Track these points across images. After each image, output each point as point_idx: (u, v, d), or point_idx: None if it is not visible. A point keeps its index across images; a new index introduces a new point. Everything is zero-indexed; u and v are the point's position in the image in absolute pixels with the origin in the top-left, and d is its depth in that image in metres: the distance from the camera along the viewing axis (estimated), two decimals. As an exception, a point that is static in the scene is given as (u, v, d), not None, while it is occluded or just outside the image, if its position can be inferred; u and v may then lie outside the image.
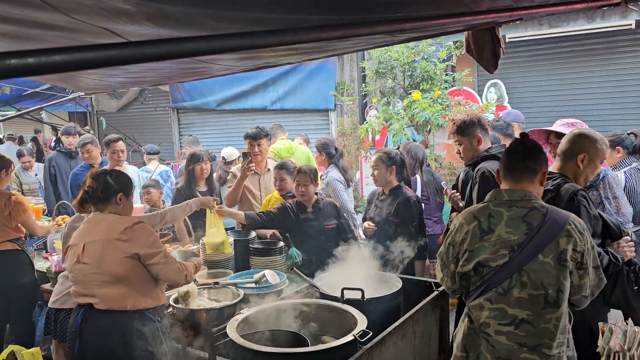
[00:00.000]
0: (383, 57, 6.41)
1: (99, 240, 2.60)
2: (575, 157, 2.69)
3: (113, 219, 2.68)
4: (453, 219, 3.68)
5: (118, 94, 10.62)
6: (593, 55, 6.66)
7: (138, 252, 2.57)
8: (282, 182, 4.24)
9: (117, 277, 2.56)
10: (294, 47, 3.01)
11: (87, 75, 3.97)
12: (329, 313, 2.71)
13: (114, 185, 2.73)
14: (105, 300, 2.57)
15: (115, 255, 2.56)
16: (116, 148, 5.13)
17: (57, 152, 6.21)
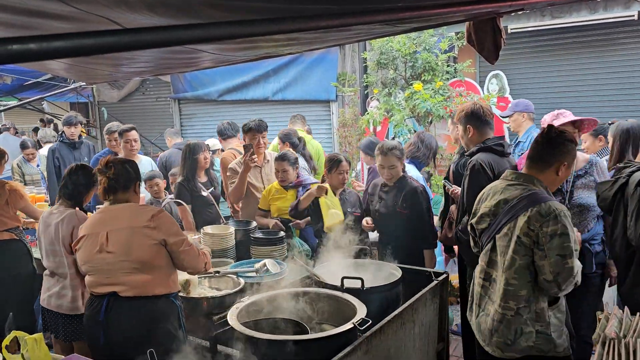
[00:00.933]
0: (384, 47, 6.39)
1: (125, 227, 2.64)
2: None
3: (136, 208, 2.74)
4: (453, 211, 3.72)
5: (119, 84, 10.60)
6: (595, 47, 6.63)
7: (165, 239, 2.64)
8: (285, 173, 4.25)
9: (144, 264, 2.61)
10: (295, 36, 3.01)
11: (95, 66, 3.98)
12: (329, 302, 2.73)
13: (133, 173, 2.80)
14: (133, 287, 2.60)
15: (144, 242, 2.61)
16: (129, 137, 5.14)
17: (60, 142, 6.12)
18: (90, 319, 2.70)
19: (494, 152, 3.39)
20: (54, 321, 3.38)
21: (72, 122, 6.04)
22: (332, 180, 4.11)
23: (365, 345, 2.36)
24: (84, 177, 3.39)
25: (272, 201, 4.35)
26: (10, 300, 4.21)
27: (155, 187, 4.88)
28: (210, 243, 3.67)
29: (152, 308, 2.62)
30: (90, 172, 3.44)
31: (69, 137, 6.03)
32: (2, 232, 4.13)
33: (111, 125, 5.52)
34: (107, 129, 5.50)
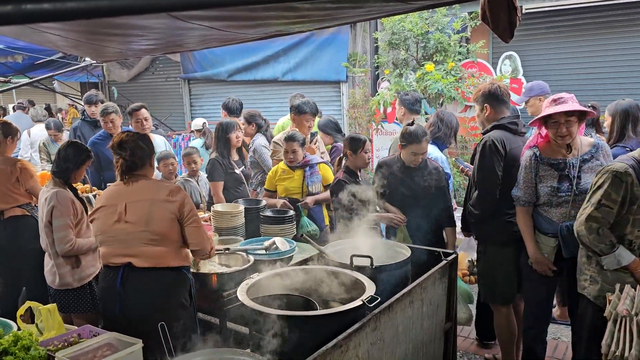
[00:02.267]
0: (396, 27, 6.31)
1: (146, 200, 2.70)
2: None
3: (155, 182, 2.85)
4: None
5: (129, 63, 10.59)
6: (612, 28, 6.50)
7: (182, 214, 2.71)
8: (294, 153, 4.23)
9: (161, 235, 2.68)
10: (306, 14, 2.98)
11: (105, 43, 3.97)
12: (338, 279, 2.73)
13: (147, 149, 2.84)
14: (149, 258, 2.66)
15: (163, 215, 2.68)
16: (139, 116, 5.10)
17: (82, 121, 6.01)
18: (105, 290, 2.75)
19: (508, 130, 3.45)
20: (52, 295, 3.48)
21: (92, 101, 5.89)
22: (357, 161, 4.00)
23: (373, 322, 2.36)
24: (73, 154, 3.43)
25: (279, 182, 4.35)
26: (23, 275, 4.28)
27: (170, 167, 4.90)
28: (220, 221, 3.68)
29: (166, 279, 2.67)
30: (81, 150, 3.48)
31: (91, 116, 5.89)
32: (14, 208, 4.18)
33: (106, 106, 5.33)
34: (103, 110, 5.28)
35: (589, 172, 3.09)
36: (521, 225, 3.23)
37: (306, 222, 3.96)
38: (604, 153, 3.17)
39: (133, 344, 2.01)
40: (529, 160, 3.15)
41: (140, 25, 3.20)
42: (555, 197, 3.08)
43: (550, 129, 3.05)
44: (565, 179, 3.08)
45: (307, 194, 4.26)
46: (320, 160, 4.48)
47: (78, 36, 3.70)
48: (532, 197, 3.17)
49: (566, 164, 3.08)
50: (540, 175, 3.13)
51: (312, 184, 4.28)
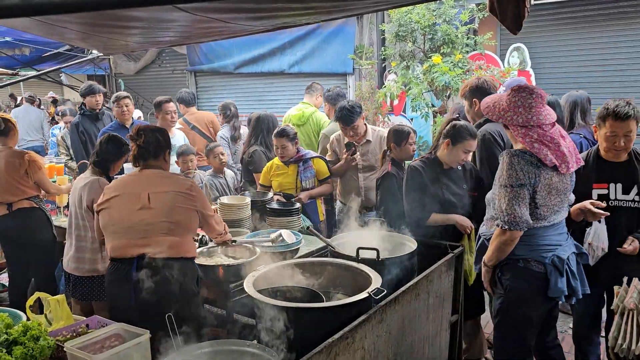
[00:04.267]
0: (403, 19, 6.27)
1: (170, 191, 2.78)
2: None
3: (174, 176, 2.96)
4: None
5: (136, 56, 10.60)
6: (622, 19, 6.43)
7: (202, 209, 2.86)
8: (284, 149, 4.21)
9: (180, 226, 2.77)
10: (313, 5, 2.96)
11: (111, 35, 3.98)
12: (344, 272, 2.74)
13: (163, 142, 2.92)
14: (168, 248, 2.69)
15: (184, 206, 2.78)
16: (169, 109, 5.09)
17: (82, 115, 5.71)
18: (116, 282, 2.73)
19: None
20: (73, 283, 3.49)
21: (95, 91, 5.66)
22: (402, 154, 3.83)
23: (379, 314, 2.37)
24: (112, 147, 3.56)
25: (274, 177, 4.33)
26: (32, 266, 4.32)
27: (189, 163, 4.85)
28: (227, 213, 3.69)
29: (180, 269, 2.70)
30: (120, 143, 3.61)
31: (91, 108, 5.63)
32: (23, 200, 4.21)
33: (119, 93, 5.33)
34: (116, 96, 5.27)
35: None
36: None
37: (301, 218, 3.96)
38: None
39: (140, 335, 2.03)
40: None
41: (148, 17, 3.20)
42: None
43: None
44: None
45: (300, 189, 4.24)
46: (314, 154, 4.43)
47: (85, 29, 3.71)
48: None
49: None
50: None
51: (306, 179, 4.26)
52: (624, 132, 2.79)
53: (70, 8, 0.86)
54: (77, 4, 0.83)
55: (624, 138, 2.81)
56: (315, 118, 5.63)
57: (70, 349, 1.96)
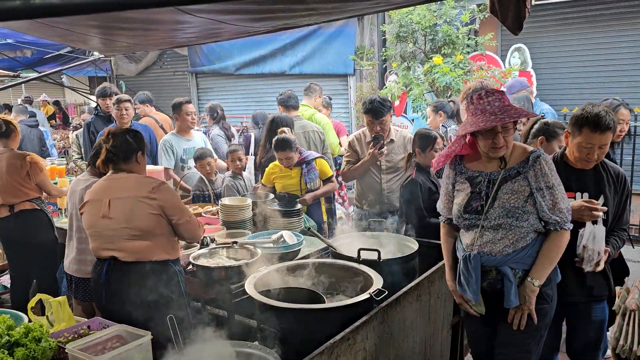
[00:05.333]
0: (404, 20, 6.29)
1: (128, 197, 2.71)
2: None
3: (139, 178, 2.81)
4: None
5: (137, 57, 10.62)
6: (622, 19, 6.43)
7: (166, 211, 2.73)
8: (288, 160, 4.14)
9: (144, 231, 2.69)
10: (313, 6, 2.97)
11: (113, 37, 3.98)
12: (346, 273, 2.74)
13: (134, 144, 2.82)
14: (133, 253, 2.69)
15: (144, 211, 2.69)
16: (189, 110, 5.01)
17: (96, 116, 5.78)
18: (95, 281, 2.82)
19: None
20: (75, 284, 3.49)
21: (106, 93, 5.69)
22: (427, 160, 3.64)
23: (381, 315, 2.37)
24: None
25: (277, 179, 4.31)
26: (34, 268, 4.32)
27: (207, 167, 4.69)
28: (228, 214, 3.69)
29: (151, 273, 2.67)
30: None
31: (105, 110, 5.66)
32: (24, 202, 4.21)
33: (120, 95, 5.30)
34: (117, 99, 5.22)
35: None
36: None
37: (305, 218, 3.95)
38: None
39: (142, 336, 2.03)
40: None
41: (149, 19, 3.20)
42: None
43: (481, 140, 2.40)
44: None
45: (305, 191, 4.23)
46: (316, 155, 4.39)
47: (86, 30, 3.71)
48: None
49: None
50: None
51: (311, 181, 4.22)
52: (600, 144, 2.52)
53: (71, 10, 0.86)
54: (77, 6, 0.83)
55: (599, 150, 2.53)
56: (315, 120, 5.62)
57: (72, 351, 1.96)
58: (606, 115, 2.50)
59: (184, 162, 4.99)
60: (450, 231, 2.67)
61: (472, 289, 2.41)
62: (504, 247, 2.38)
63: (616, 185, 2.66)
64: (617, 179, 2.67)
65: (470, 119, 2.37)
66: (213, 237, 3.36)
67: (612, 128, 2.52)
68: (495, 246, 2.39)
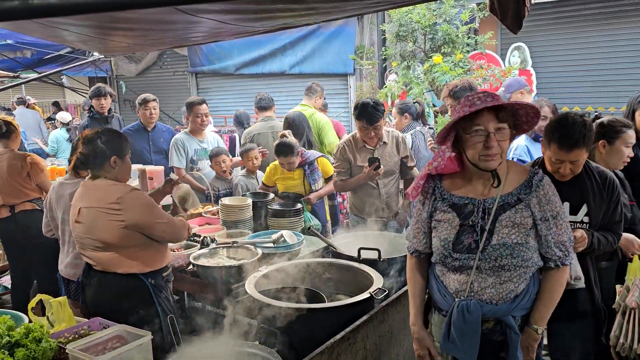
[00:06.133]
0: (404, 19, 6.28)
1: (92, 207, 2.59)
2: None
3: (107, 186, 2.62)
4: None
5: (137, 58, 10.62)
6: (622, 18, 6.42)
7: (136, 222, 2.55)
8: (290, 164, 4.10)
9: (107, 244, 2.57)
10: (313, 6, 2.97)
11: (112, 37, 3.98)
12: (346, 272, 2.74)
13: (106, 150, 2.64)
14: (99, 263, 2.63)
15: (107, 224, 2.54)
16: (201, 111, 4.88)
17: (90, 118, 5.59)
18: (77, 283, 2.85)
19: None
20: (74, 287, 3.47)
21: (101, 93, 5.52)
22: (615, 155, 2.89)
23: (381, 314, 2.37)
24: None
25: (279, 180, 4.30)
26: (35, 268, 4.32)
27: (223, 165, 4.61)
28: (228, 214, 3.69)
29: (117, 285, 2.59)
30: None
31: (99, 111, 5.50)
32: (25, 202, 4.21)
33: (146, 95, 5.21)
34: (143, 99, 5.11)
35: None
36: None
37: (308, 217, 3.95)
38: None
39: (142, 336, 2.03)
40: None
41: (148, 19, 3.20)
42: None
43: (470, 144, 1.93)
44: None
45: (310, 191, 4.22)
46: (318, 154, 4.36)
47: (86, 30, 3.71)
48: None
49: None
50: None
51: (314, 182, 4.20)
52: (570, 160, 2.34)
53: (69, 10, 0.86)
54: (76, 6, 0.83)
55: (571, 164, 2.35)
56: (315, 120, 5.61)
57: (72, 351, 1.96)
58: (578, 131, 2.27)
59: (194, 163, 4.89)
60: (419, 266, 2.18)
61: (469, 348, 1.94)
62: (508, 293, 1.94)
63: (602, 192, 2.42)
64: (604, 186, 2.43)
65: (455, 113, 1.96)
66: (213, 237, 3.37)
67: (585, 144, 2.30)
68: (497, 292, 1.94)
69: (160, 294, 2.69)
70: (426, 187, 2.11)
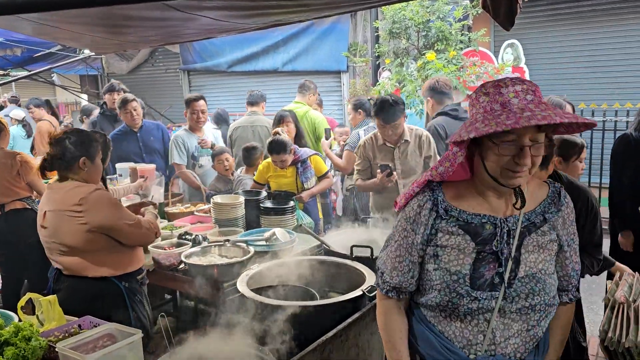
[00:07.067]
0: (397, 16, 6.28)
1: (55, 210, 2.55)
2: None
3: (71, 188, 2.56)
4: None
5: (128, 55, 10.56)
6: (615, 15, 6.45)
7: (99, 224, 2.51)
8: (282, 162, 4.09)
9: (72, 249, 2.54)
10: (305, 2, 2.95)
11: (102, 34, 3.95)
12: (338, 270, 2.74)
13: (75, 151, 2.58)
14: (67, 268, 2.59)
15: (71, 227, 2.50)
16: (196, 108, 4.82)
17: (101, 115, 5.52)
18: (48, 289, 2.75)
19: (449, 116, 4.05)
20: None
21: (114, 89, 5.42)
22: (571, 171, 2.84)
23: (373, 311, 2.35)
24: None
25: (272, 178, 4.28)
26: (25, 267, 4.29)
27: (226, 163, 4.58)
28: (220, 212, 3.68)
29: (87, 290, 2.56)
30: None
31: (112, 107, 5.35)
32: (15, 201, 4.18)
33: (125, 95, 5.08)
34: (122, 100, 4.97)
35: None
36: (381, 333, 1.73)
37: (301, 216, 3.94)
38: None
39: (133, 334, 2.02)
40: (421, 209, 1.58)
41: (139, 16, 3.17)
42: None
43: (495, 155, 1.44)
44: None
45: (302, 189, 4.21)
46: (311, 152, 4.33)
47: (76, 28, 3.68)
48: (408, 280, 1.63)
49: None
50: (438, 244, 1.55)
51: (307, 180, 4.19)
52: None
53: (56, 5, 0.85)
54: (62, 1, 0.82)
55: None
56: (309, 117, 5.60)
57: (62, 349, 1.94)
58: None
59: (196, 160, 4.88)
60: (398, 310, 1.66)
61: None
62: (533, 342, 1.53)
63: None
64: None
65: (482, 116, 1.42)
66: (205, 235, 3.36)
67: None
68: (524, 342, 1.51)
69: (134, 297, 2.66)
70: (422, 198, 1.56)
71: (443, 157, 1.54)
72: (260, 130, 5.35)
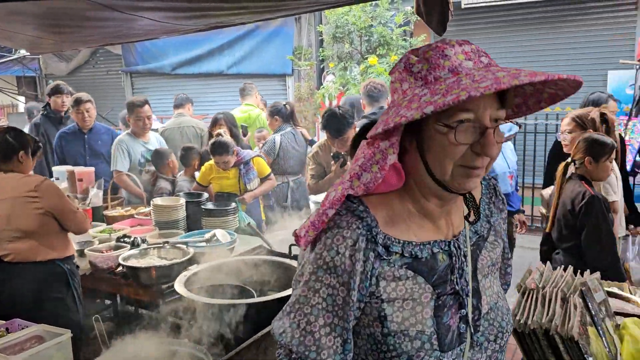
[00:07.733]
0: (340, 21, 6.40)
1: (7, 198, 2.72)
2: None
3: (20, 178, 2.79)
4: None
5: (67, 56, 10.23)
6: (546, 23, 6.82)
7: (53, 207, 2.77)
8: (225, 164, 4.09)
9: (26, 233, 2.72)
10: (244, 5, 2.98)
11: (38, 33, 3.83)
12: (277, 269, 2.77)
13: (15, 144, 2.82)
14: (17, 254, 2.70)
15: (26, 212, 2.71)
16: (142, 114, 4.58)
17: (44, 116, 5.22)
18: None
19: (367, 119, 3.84)
20: None
21: (62, 91, 5.12)
22: (600, 173, 2.84)
23: (311, 308, 2.41)
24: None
25: (214, 180, 4.27)
26: None
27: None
28: (160, 214, 3.64)
29: (36, 274, 2.71)
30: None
31: (58, 109, 5.13)
32: None
33: (80, 95, 4.83)
34: (76, 99, 4.76)
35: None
36: None
37: (243, 217, 3.95)
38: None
39: (61, 334, 1.99)
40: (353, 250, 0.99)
41: (77, 15, 3.10)
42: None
43: (443, 145, 0.95)
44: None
45: (244, 191, 4.22)
46: (253, 154, 4.36)
47: (10, 27, 3.55)
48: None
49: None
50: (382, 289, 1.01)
51: (250, 181, 4.20)
52: None
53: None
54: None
55: None
56: (261, 120, 5.67)
57: (-12, 355, 1.89)
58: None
59: (142, 166, 4.66)
60: None
61: None
62: None
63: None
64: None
65: (422, 90, 0.95)
66: (144, 238, 3.32)
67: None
68: None
69: (75, 278, 2.89)
70: (349, 234, 0.99)
71: (364, 158, 1.02)
72: (188, 130, 5.38)
